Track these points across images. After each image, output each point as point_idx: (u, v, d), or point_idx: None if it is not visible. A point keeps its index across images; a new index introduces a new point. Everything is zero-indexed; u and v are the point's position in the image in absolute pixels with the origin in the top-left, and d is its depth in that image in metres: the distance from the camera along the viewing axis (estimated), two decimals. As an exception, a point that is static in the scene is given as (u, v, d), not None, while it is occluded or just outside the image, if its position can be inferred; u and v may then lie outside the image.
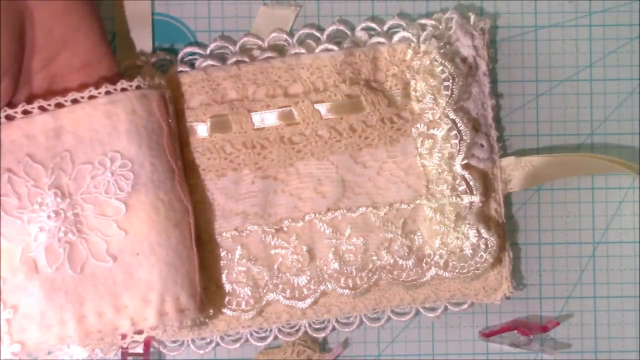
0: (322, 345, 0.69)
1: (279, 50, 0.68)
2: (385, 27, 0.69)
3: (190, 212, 0.63)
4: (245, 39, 0.69)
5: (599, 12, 0.71)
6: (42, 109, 0.60)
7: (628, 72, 0.71)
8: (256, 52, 0.68)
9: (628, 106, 0.71)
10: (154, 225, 0.61)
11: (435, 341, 0.70)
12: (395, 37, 0.68)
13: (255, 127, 0.66)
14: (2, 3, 0.57)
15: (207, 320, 0.66)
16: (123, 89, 0.61)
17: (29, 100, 0.61)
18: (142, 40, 0.69)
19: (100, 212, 0.60)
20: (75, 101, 0.61)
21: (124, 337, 0.61)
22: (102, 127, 0.60)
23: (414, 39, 0.67)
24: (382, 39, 0.68)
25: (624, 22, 0.71)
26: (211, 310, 0.65)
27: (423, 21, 0.69)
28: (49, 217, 0.59)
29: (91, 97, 0.61)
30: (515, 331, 0.69)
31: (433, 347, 0.70)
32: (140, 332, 0.61)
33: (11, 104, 0.60)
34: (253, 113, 0.66)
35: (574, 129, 0.71)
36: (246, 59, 0.67)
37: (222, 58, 0.68)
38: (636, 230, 0.71)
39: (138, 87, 0.62)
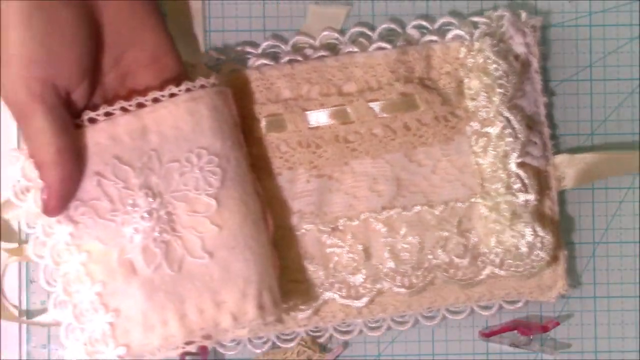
0: (323, 346, 0.69)
1: (332, 48, 0.68)
2: (437, 25, 0.69)
3: (266, 215, 0.63)
4: (297, 37, 0.68)
5: (599, 12, 0.71)
6: (124, 109, 0.60)
7: (628, 72, 0.71)
8: (308, 51, 0.68)
9: (628, 106, 0.71)
10: (247, 219, 0.60)
11: (435, 341, 0.70)
12: (448, 35, 0.68)
13: (310, 126, 0.66)
14: (75, 4, 0.57)
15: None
16: (202, 86, 0.61)
17: (103, 100, 0.61)
18: (195, 39, 0.69)
19: (192, 210, 0.59)
20: (155, 100, 0.60)
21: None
22: (186, 124, 0.60)
23: (467, 37, 0.67)
24: (434, 37, 0.68)
25: (624, 22, 0.71)
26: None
27: (475, 19, 0.68)
28: (142, 217, 0.59)
29: (172, 95, 0.61)
30: (515, 331, 0.69)
31: (433, 347, 0.70)
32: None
33: (87, 106, 0.60)
34: (308, 112, 0.66)
35: (574, 129, 0.70)
36: (299, 58, 0.67)
37: (274, 57, 0.68)
38: (636, 230, 0.71)
39: (214, 85, 0.62)
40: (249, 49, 0.68)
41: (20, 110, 0.56)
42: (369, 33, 0.68)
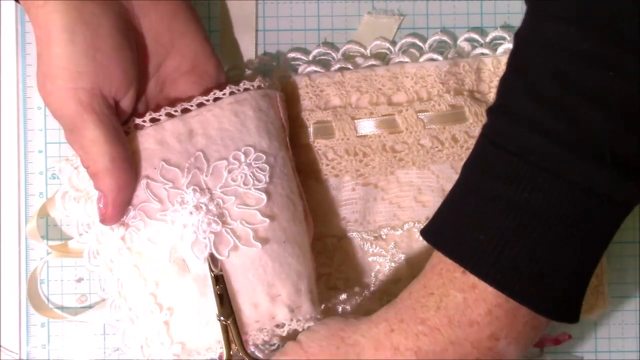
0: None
1: (382, 58, 0.69)
2: (488, 39, 0.69)
3: (309, 219, 0.63)
4: (348, 45, 0.69)
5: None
6: (169, 115, 0.61)
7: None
8: (359, 60, 0.68)
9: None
10: (294, 217, 0.61)
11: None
12: (500, 49, 0.68)
13: (358, 135, 0.66)
14: (115, 13, 0.57)
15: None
16: (246, 89, 0.62)
17: (145, 108, 0.61)
18: (246, 43, 0.69)
19: (242, 203, 0.60)
20: (200, 104, 0.61)
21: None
22: (232, 125, 0.61)
23: (519, 52, 0.67)
24: (486, 50, 0.68)
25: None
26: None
27: (526, 34, 0.69)
28: (190, 213, 0.59)
29: (216, 99, 0.61)
30: None
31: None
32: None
33: (133, 114, 0.61)
34: (356, 120, 0.66)
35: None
36: (350, 66, 0.68)
37: (325, 64, 0.68)
38: (636, 230, 0.70)
39: (259, 87, 0.63)
40: (299, 55, 0.69)
41: (72, 122, 0.57)
42: (420, 44, 0.69)
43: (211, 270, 0.58)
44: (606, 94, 0.49)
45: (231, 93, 0.61)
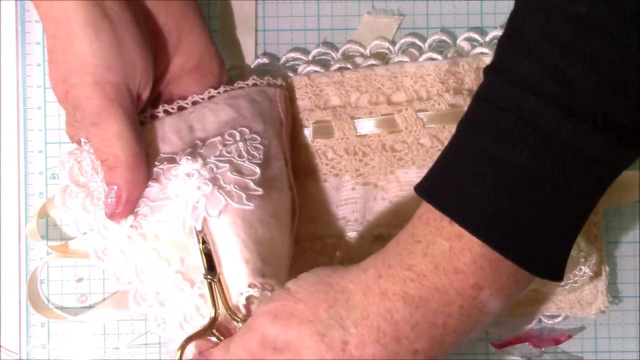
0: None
1: (382, 58, 0.69)
2: (488, 38, 0.69)
3: (296, 211, 0.63)
4: (348, 45, 0.69)
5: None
6: (167, 112, 0.61)
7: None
8: (359, 60, 0.69)
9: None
10: (282, 201, 0.61)
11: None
12: (499, 49, 0.68)
13: (358, 134, 0.66)
14: (133, 9, 0.58)
15: None
16: (240, 87, 0.63)
17: (153, 103, 0.62)
18: (246, 43, 0.69)
19: (236, 170, 0.59)
20: (195, 102, 0.62)
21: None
22: (227, 115, 0.61)
23: (518, 51, 0.68)
24: (485, 50, 0.68)
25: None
26: None
27: (526, 33, 0.69)
28: (185, 182, 0.58)
29: (210, 98, 0.62)
30: (527, 343, 0.69)
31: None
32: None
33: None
34: (356, 120, 0.66)
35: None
36: (349, 66, 0.68)
37: (324, 64, 0.69)
38: (636, 230, 0.71)
39: (255, 85, 0.63)
40: (299, 55, 0.69)
41: (97, 115, 0.57)
42: (420, 44, 0.69)
43: (198, 231, 0.58)
44: (601, 58, 0.50)
45: (225, 91, 0.62)
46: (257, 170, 0.60)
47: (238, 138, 0.61)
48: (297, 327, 0.54)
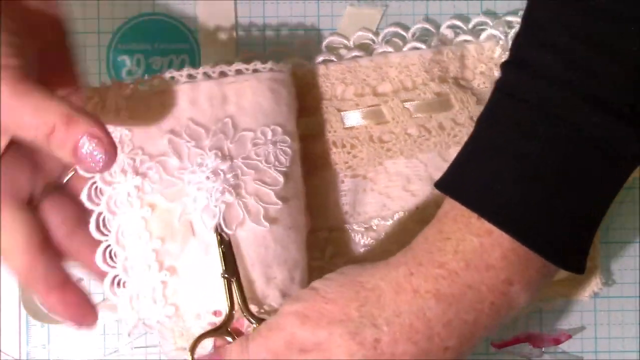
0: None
1: (366, 49, 0.69)
2: (471, 25, 0.69)
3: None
4: (331, 38, 0.69)
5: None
6: (206, 75, 0.61)
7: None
8: (343, 52, 0.68)
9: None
10: (300, 206, 0.61)
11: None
12: (483, 35, 0.68)
13: (345, 127, 0.66)
14: None
15: None
16: (280, 71, 0.62)
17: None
18: (225, 41, 0.69)
19: (260, 180, 0.59)
20: (238, 72, 0.61)
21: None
22: (266, 100, 0.61)
23: (502, 37, 0.67)
24: (468, 37, 0.68)
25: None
26: None
27: (509, 18, 0.68)
28: (207, 177, 0.58)
29: (255, 71, 0.61)
30: (527, 343, 0.69)
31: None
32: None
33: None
34: (342, 112, 0.66)
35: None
36: (334, 59, 0.68)
37: (308, 58, 0.68)
38: (636, 230, 0.70)
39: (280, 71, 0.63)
40: (282, 50, 0.69)
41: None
42: (403, 33, 0.69)
43: (218, 233, 0.58)
44: (624, 49, 0.50)
45: (270, 69, 0.62)
46: (281, 179, 0.60)
47: (270, 137, 0.60)
48: (328, 328, 0.54)
